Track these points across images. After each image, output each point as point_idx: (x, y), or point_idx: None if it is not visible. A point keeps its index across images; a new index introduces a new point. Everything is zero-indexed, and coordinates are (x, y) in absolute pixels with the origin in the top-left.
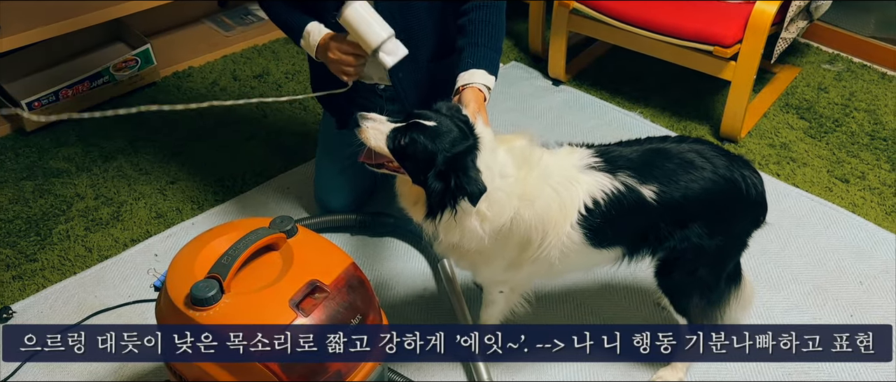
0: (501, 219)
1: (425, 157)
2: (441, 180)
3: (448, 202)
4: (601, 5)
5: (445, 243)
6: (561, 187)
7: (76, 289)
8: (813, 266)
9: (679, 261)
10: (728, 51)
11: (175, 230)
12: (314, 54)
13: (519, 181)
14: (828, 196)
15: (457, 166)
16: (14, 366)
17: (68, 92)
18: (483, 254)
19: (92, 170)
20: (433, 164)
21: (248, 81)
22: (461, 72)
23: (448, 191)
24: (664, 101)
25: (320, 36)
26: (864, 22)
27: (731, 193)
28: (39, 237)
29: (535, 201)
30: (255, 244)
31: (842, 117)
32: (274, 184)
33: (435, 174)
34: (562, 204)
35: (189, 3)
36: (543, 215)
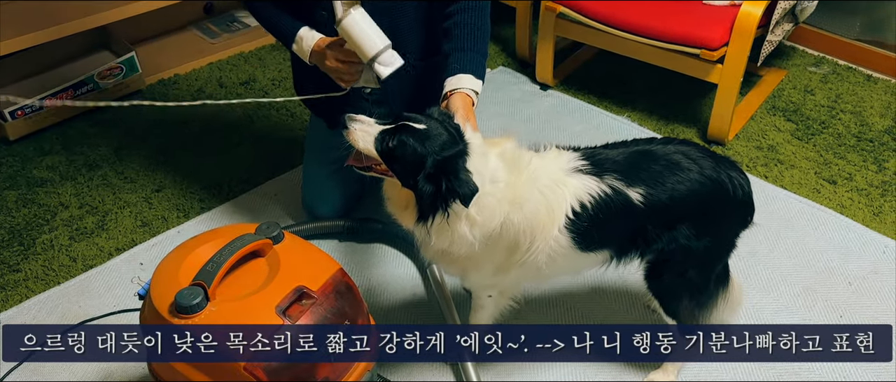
0: (492, 224)
1: (415, 160)
2: (431, 183)
3: (439, 205)
4: (588, 9)
5: (434, 249)
6: (548, 191)
7: (60, 299)
8: (802, 267)
9: (668, 263)
10: (715, 54)
11: (160, 238)
12: (307, 59)
13: (509, 186)
14: (815, 197)
15: (447, 169)
16: (8, 367)
17: (52, 100)
18: (472, 260)
19: (76, 179)
20: (423, 167)
21: (235, 88)
22: (448, 77)
23: (439, 193)
24: (651, 105)
25: (313, 41)
26: (850, 25)
27: (717, 194)
28: (23, 247)
29: (524, 205)
30: (241, 250)
31: (828, 119)
32: (261, 190)
33: (425, 177)
34: (549, 209)
35: (174, 11)
36: (532, 219)
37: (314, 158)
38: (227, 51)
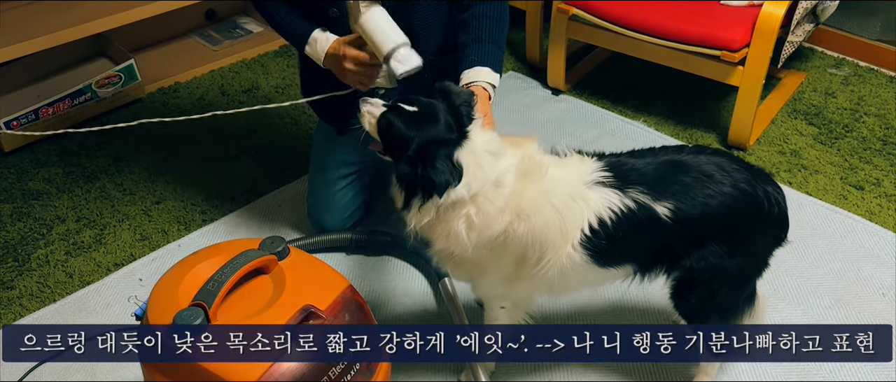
0: (490, 231)
1: (399, 141)
2: (409, 165)
3: (416, 190)
4: (602, 11)
5: (436, 248)
6: (563, 206)
7: (55, 318)
8: (832, 278)
9: (697, 282)
10: (736, 55)
11: (160, 252)
12: (322, 62)
13: (515, 194)
14: (843, 204)
15: (425, 154)
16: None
17: (49, 110)
18: (477, 265)
19: (73, 191)
20: (406, 149)
21: (237, 96)
22: (465, 70)
23: (414, 177)
24: (668, 109)
25: (328, 43)
26: (870, 25)
27: (752, 210)
28: (17, 263)
29: (531, 217)
30: (244, 267)
31: (852, 122)
32: (264, 202)
33: (405, 159)
34: (563, 226)
35: (175, 17)
36: (541, 234)
37: (320, 169)
38: (228, 58)
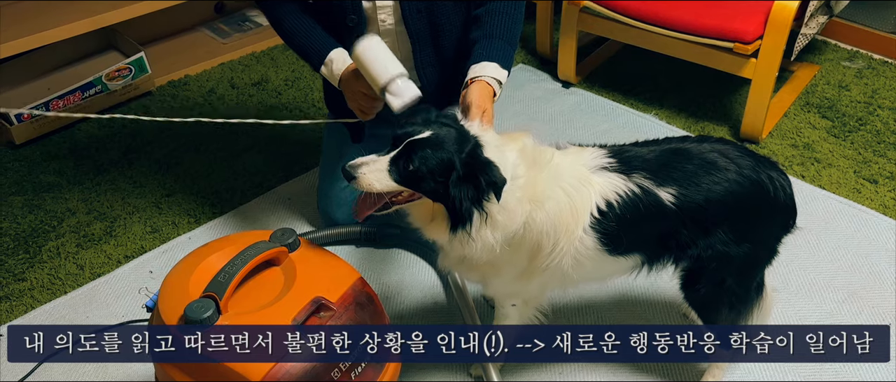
0: (513, 225)
1: (444, 168)
2: (468, 183)
3: (476, 206)
4: (613, 3)
5: (453, 256)
6: (572, 189)
7: (66, 310)
8: (846, 271)
9: (705, 271)
10: (749, 47)
11: (171, 245)
12: (337, 84)
13: (530, 182)
14: (856, 197)
15: (475, 165)
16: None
17: (59, 103)
18: (493, 265)
19: (84, 184)
20: (452, 171)
21: (247, 89)
22: (472, 65)
23: (480, 191)
24: (680, 102)
25: (344, 66)
26: (885, 18)
27: (758, 196)
28: (28, 255)
29: (546, 203)
30: (255, 259)
31: (865, 116)
32: (274, 195)
33: (457, 180)
34: (573, 208)
35: (184, 10)
36: (555, 218)
37: (330, 161)
38: (238, 51)
